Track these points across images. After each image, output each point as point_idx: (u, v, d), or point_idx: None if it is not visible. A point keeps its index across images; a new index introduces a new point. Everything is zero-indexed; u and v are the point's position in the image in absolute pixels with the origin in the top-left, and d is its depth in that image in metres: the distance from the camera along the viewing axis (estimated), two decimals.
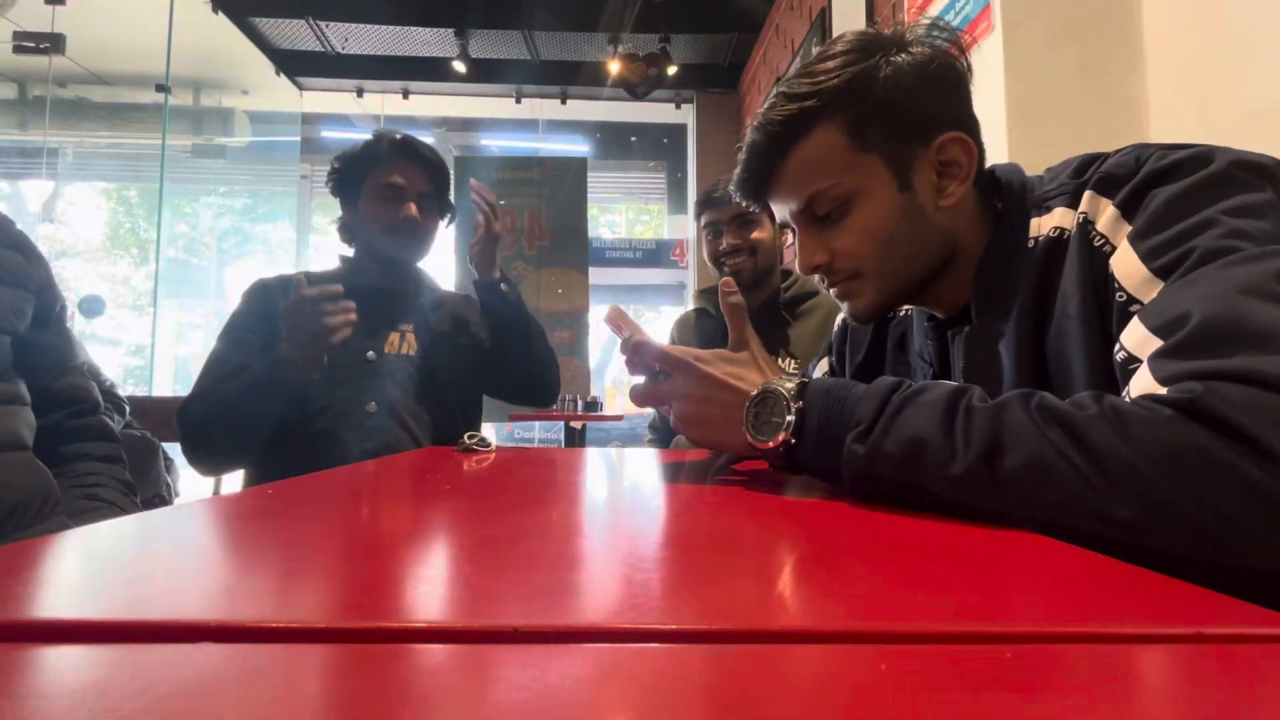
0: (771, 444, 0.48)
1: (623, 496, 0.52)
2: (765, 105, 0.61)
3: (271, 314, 1.14)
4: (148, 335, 4.31)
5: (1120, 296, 0.48)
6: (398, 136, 1.20)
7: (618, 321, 0.65)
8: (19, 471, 0.78)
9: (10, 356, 0.83)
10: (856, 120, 0.58)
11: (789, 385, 0.49)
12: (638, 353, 0.59)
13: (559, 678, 0.17)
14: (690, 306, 1.73)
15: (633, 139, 6.11)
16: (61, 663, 0.18)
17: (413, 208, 1.18)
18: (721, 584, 0.26)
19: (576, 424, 3.20)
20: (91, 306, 4.81)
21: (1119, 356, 0.45)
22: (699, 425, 0.55)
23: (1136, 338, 0.44)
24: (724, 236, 1.50)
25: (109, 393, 1.44)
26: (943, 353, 0.66)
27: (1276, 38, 1.19)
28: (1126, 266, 0.47)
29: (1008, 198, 0.61)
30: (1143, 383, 0.41)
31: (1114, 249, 0.49)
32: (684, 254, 5.77)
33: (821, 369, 0.87)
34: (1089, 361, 0.50)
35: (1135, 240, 0.47)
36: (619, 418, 3.57)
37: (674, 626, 0.21)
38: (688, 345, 0.60)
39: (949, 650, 0.20)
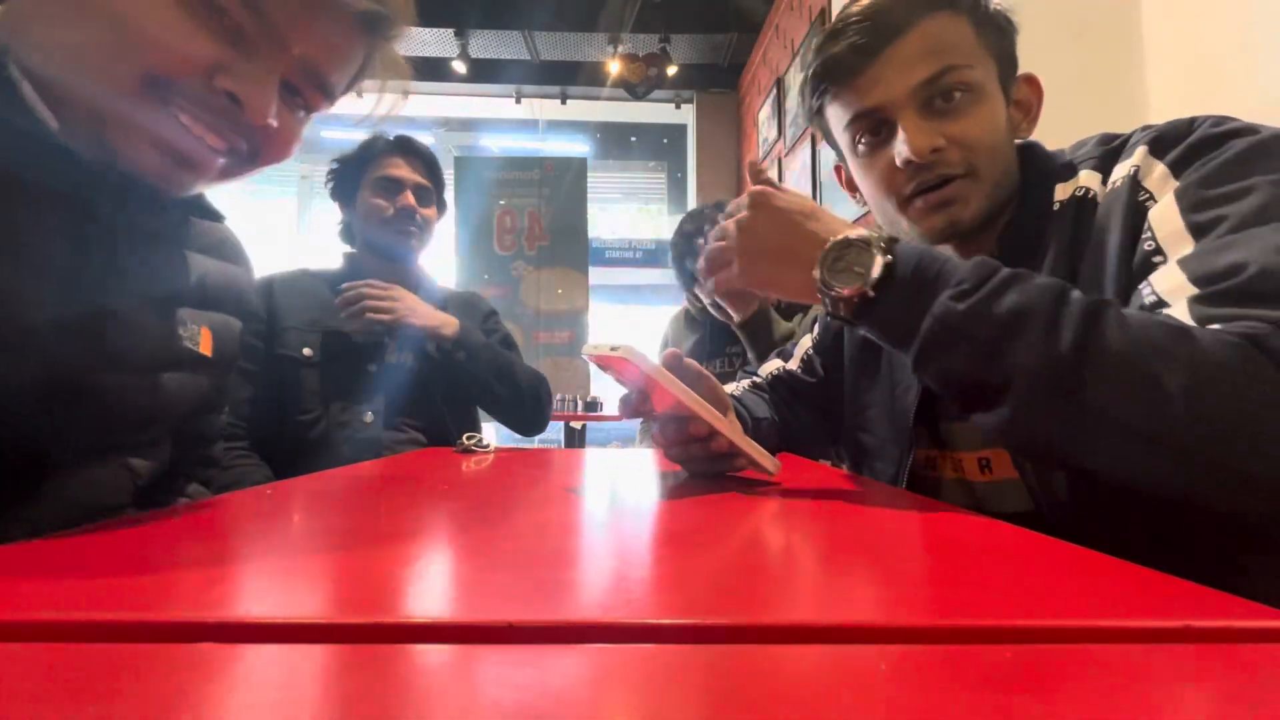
0: (848, 291, 0.48)
1: (620, 496, 0.52)
2: None
3: (276, 312, 1.15)
4: None
5: (1148, 245, 0.48)
6: (391, 135, 1.23)
7: (629, 370, 0.53)
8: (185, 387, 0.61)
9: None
10: (979, 20, 0.59)
11: (876, 234, 0.49)
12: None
13: (554, 674, 0.18)
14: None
15: (633, 139, 6.11)
16: (63, 663, 0.18)
17: (410, 197, 1.21)
18: (719, 582, 0.26)
19: (576, 424, 3.20)
20: None
21: (1147, 300, 0.46)
22: (762, 263, 0.54)
23: (1170, 283, 0.44)
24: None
25: None
26: None
27: (1277, 37, 1.19)
28: (1162, 216, 0.48)
29: (1031, 164, 0.61)
30: None
31: (1156, 202, 0.49)
32: None
33: (804, 347, 0.85)
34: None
35: (1180, 195, 0.48)
36: (619, 418, 3.56)
37: (669, 623, 0.21)
38: (680, 343, 0.59)
39: (949, 650, 0.20)
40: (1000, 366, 0.41)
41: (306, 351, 1.13)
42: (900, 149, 0.58)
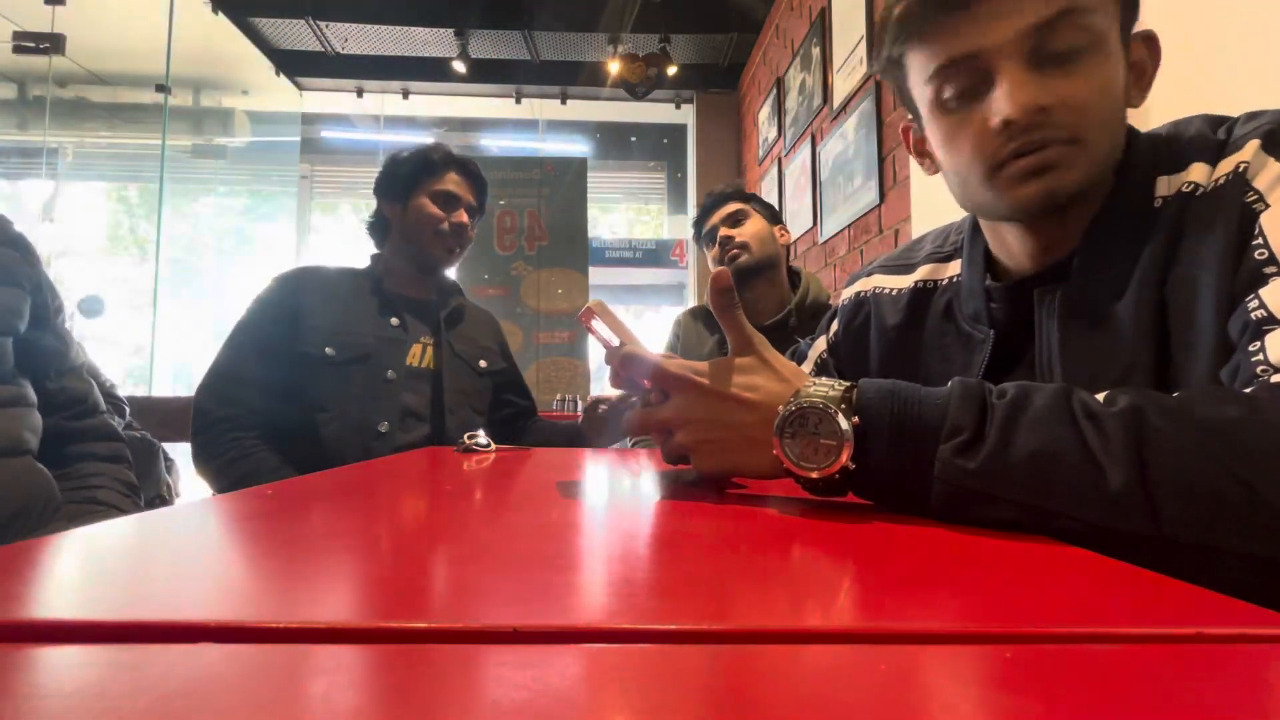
0: (821, 474, 0.40)
1: (622, 497, 0.52)
2: None
3: (301, 307, 1.15)
4: (148, 335, 4.31)
5: (1260, 253, 0.44)
6: (454, 151, 1.31)
7: (597, 321, 0.52)
8: (20, 476, 0.78)
9: (12, 358, 0.82)
10: None
11: (833, 392, 0.41)
12: (626, 366, 0.50)
13: (558, 678, 0.17)
14: (693, 304, 1.78)
15: (633, 139, 6.11)
16: (61, 663, 0.18)
17: (464, 215, 1.28)
18: (720, 584, 0.26)
19: None
20: (91, 306, 4.80)
21: (1254, 315, 0.42)
22: (715, 454, 0.47)
23: None
24: (719, 233, 1.56)
25: (109, 394, 1.44)
26: (1013, 316, 0.58)
27: (1277, 37, 1.19)
28: (1277, 223, 0.44)
29: (1131, 146, 0.54)
30: None
31: (1267, 206, 0.45)
32: (684, 254, 5.76)
33: (818, 349, 0.80)
34: (1218, 316, 0.46)
35: None
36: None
37: (673, 627, 0.21)
38: (691, 340, 0.56)
39: (949, 650, 0.20)
40: (1044, 518, 0.35)
41: (329, 350, 1.14)
42: (1000, 105, 0.50)
